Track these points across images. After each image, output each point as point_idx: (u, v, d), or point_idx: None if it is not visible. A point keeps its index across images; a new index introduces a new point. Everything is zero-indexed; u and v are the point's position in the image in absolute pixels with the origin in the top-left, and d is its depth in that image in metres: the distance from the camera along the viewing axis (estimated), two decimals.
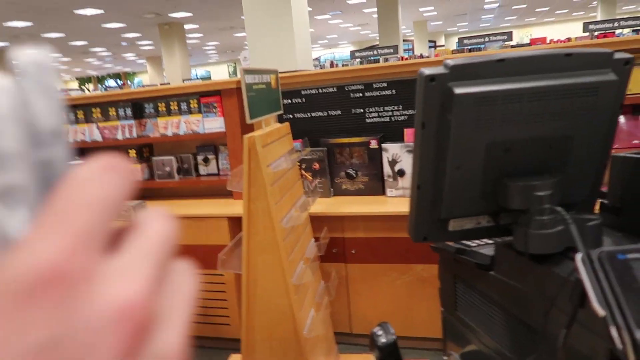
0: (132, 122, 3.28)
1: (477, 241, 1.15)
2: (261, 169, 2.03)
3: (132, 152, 3.36)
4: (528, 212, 0.86)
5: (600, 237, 0.89)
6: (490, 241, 1.12)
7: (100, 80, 26.16)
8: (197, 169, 3.40)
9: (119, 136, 3.33)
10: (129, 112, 3.27)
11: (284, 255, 2.11)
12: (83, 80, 26.01)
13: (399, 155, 2.86)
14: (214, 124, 3.13)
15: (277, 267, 2.13)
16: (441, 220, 0.93)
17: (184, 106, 3.18)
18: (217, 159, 3.34)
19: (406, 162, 2.86)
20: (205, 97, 3.14)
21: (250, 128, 3.10)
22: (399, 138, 2.98)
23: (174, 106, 3.21)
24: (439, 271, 1.24)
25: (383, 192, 2.99)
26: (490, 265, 1.00)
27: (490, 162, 0.88)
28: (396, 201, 2.83)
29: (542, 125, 0.87)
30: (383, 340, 1.05)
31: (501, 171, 0.89)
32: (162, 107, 3.23)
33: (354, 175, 2.99)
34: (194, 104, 3.16)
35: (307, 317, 2.29)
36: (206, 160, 3.35)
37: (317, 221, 2.81)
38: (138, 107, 3.31)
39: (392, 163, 2.90)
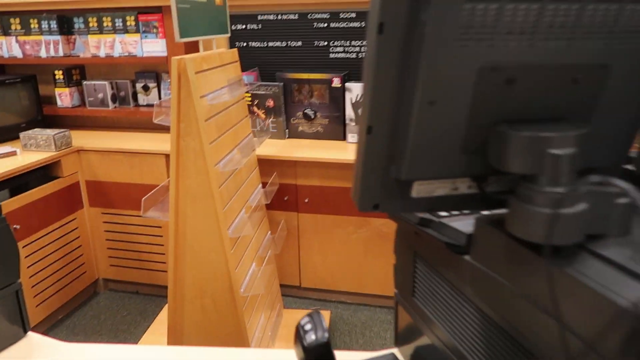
0: (59, 37, 2.80)
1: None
2: (193, 99, 1.67)
3: (59, 74, 2.90)
4: (535, 180, 0.54)
5: (630, 221, 0.59)
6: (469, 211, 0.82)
7: None
8: (135, 98, 2.98)
9: (43, 53, 2.85)
10: (54, 25, 2.78)
11: (219, 203, 1.79)
12: None
13: None
14: (154, 46, 2.69)
15: (211, 217, 1.82)
16: (401, 182, 0.62)
17: (119, 23, 2.71)
18: (159, 87, 2.93)
19: None
20: (144, 14, 2.68)
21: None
22: None
23: (107, 22, 2.73)
24: (395, 244, 0.94)
25: (344, 137, 2.68)
26: (465, 247, 0.70)
27: (481, 98, 0.55)
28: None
29: (568, 44, 0.54)
30: (312, 337, 0.75)
31: (498, 113, 0.57)
32: (93, 22, 2.75)
33: (313, 116, 2.66)
34: (130, 21, 2.69)
35: (246, 274, 2.00)
36: (146, 88, 2.93)
37: (267, 165, 2.50)
38: (65, 21, 2.82)
39: (356, 105, 2.58)
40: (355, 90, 2.56)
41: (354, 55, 2.70)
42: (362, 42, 2.66)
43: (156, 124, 3.06)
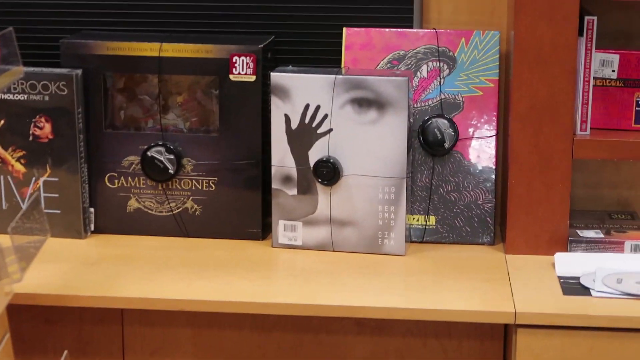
0: None
1: None
2: None
3: None
4: None
5: None
6: None
7: None
8: None
9: None
10: None
11: None
12: None
13: (329, 108, 2.01)
14: None
15: None
16: None
17: None
18: None
19: (352, 132, 1.93)
20: None
21: None
22: (327, 55, 2.26)
23: None
24: None
25: (263, 233, 2.12)
26: None
27: None
28: (307, 262, 2.06)
29: None
30: None
31: None
32: None
33: (171, 166, 1.93)
34: None
35: None
36: None
37: (31, 320, 1.96)
38: None
39: (301, 132, 1.84)
40: (299, 93, 1.86)
41: None
42: None
43: None
